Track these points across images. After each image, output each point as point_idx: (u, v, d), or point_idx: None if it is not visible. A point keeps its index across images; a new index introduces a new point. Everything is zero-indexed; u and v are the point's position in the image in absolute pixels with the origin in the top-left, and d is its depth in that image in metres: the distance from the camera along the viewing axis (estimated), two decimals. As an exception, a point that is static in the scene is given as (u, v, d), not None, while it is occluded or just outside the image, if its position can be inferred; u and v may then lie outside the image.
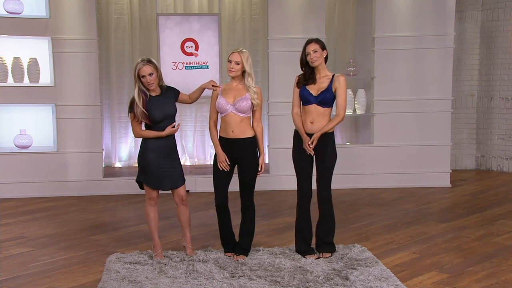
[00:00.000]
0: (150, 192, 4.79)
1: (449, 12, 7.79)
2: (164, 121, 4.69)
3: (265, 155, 4.82)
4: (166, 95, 4.75)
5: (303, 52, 4.74)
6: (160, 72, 4.74)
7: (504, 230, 5.72)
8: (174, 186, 4.79)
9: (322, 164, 4.77)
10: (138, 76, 4.63)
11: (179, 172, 4.81)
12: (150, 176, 4.73)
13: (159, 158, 4.71)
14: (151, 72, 4.61)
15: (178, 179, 4.80)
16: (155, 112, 4.65)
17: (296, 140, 4.85)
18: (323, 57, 4.73)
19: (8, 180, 7.44)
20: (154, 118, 4.66)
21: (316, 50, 4.68)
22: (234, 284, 4.19)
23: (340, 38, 8.70)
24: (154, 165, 4.70)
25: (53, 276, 4.56)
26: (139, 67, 4.60)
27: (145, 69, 4.59)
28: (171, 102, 4.75)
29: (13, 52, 7.45)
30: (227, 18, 8.64)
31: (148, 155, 4.71)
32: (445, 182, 7.94)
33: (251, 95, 4.66)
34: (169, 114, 4.71)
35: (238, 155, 4.71)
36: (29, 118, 7.66)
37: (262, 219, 6.14)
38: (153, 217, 4.84)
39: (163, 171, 4.72)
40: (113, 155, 8.71)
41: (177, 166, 4.81)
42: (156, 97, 4.71)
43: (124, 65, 8.61)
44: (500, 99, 8.93)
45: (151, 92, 4.71)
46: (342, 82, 4.71)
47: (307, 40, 4.76)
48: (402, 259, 4.83)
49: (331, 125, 4.72)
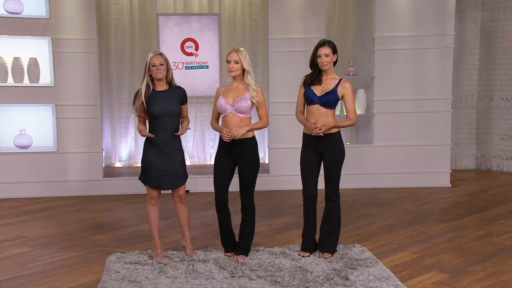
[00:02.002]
0: (151, 192, 4.80)
1: (449, 12, 7.79)
2: (163, 117, 4.67)
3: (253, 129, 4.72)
4: (173, 93, 4.76)
5: (314, 52, 4.74)
6: (171, 69, 4.79)
7: (504, 230, 5.72)
8: (174, 186, 4.80)
9: (330, 164, 4.78)
10: (148, 67, 4.68)
11: (181, 172, 4.81)
12: (151, 175, 4.73)
13: (160, 158, 4.71)
14: (161, 62, 4.68)
15: (179, 179, 4.80)
16: (154, 105, 4.65)
17: (305, 141, 4.86)
18: (333, 60, 4.74)
19: (8, 180, 7.44)
20: (152, 112, 4.66)
21: (328, 55, 4.69)
22: (234, 284, 4.19)
23: (340, 38, 8.68)
24: (154, 165, 4.71)
25: (53, 276, 4.56)
26: (150, 56, 4.69)
27: (156, 58, 4.67)
28: (175, 101, 4.74)
29: (13, 52, 7.45)
30: (227, 18, 8.64)
31: (149, 155, 4.72)
32: (445, 182, 7.94)
33: (251, 94, 4.66)
34: (169, 111, 4.69)
35: (238, 156, 4.72)
36: (29, 118, 7.65)
37: (262, 219, 6.14)
38: (154, 217, 4.84)
39: (164, 171, 4.72)
40: (113, 155, 8.71)
41: (179, 166, 4.80)
42: (160, 92, 4.72)
43: (124, 65, 8.61)
44: (500, 99, 8.93)
45: (158, 86, 4.72)
46: (349, 89, 4.74)
47: (320, 42, 4.74)
48: (402, 259, 4.84)
49: (342, 124, 4.75)
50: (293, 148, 5.00)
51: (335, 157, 4.77)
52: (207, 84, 7.90)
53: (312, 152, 4.79)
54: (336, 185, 4.83)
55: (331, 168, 4.78)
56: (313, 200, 4.86)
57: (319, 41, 4.77)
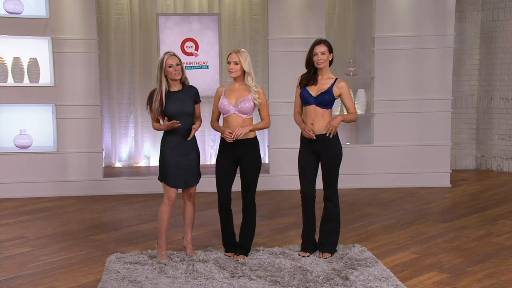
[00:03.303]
0: (168, 191, 4.77)
1: (449, 12, 7.79)
2: (178, 117, 4.67)
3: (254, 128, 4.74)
4: (186, 92, 4.76)
5: (310, 51, 4.75)
6: (184, 68, 4.78)
7: (504, 230, 5.72)
8: (189, 184, 4.81)
9: (328, 164, 4.78)
10: (164, 67, 4.66)
11: (196, 171, 4.83)
12: (168, 174, 4.74)
13: (177, 157, 4.72)
14: (178, 63, 4.69)
15: (192, 178, 4.82)
16: (169, 105, 4.66)
17: (302, 141, 4.86)
18: (329, 59, 4.75)
19: (8, 180, 7.44)
20: (168, 112, 4.66)
21: (324, 53, 4.69)
22: (234, 284, 4.19)
23: (340, 38, 8.69)
24: (171, 163, 4.72)
25: (53, 276, 4.56)
26: (166, 57, 4.67)
27: (172, 59, 4.67)
28: (189, 100, 4.75)
29: (13, 52, 7.45)
30: (227, 18, 8.64)
31: (166, 153, 4.74)
32: (445, 182, 7.94)
33: (253, 95, 4.67)
34: (185, 111, 4.70)
35: (240, 156, 4.72)
36: (29, 118, 7.65)
37: (262, 219, 6.13)
38: (167, 218, 4.81)
39: (181, 169, 4.73)
40: (113, 155, 8.71)
41: (195, 164, 4.82)
42: (175, 92, 4.72)
43: (124, 65, 8.61)
44: (500, 99, 8.93)
45: (172, 87, 4.72)
46: (345, 87, 4.75)
47: (316, 40, 4.77)
48: (402, 259, 4.84)
49: (348, 118, 4.79)
50: (293, 148, 5.00)
51: (333, 157, 4.77)
52: (207, 84, 7.90)
53: (310, 153, 4.80)
54: (334, 185, 4.83)
55: (329, 168, 4.78)
56: (311, 201, 4.86)
57: (315, 40, 4.79)
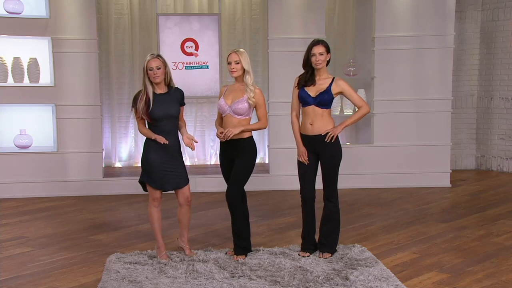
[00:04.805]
0: (153, 193, 4.77)
1: (449, 12, 7.79)
2: (164, 120, 4.66)
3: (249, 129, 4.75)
4: (172, 95, 4.73)
5: (307, 52, 4.75)
6: (169, 70, 4.73)
7: (504, 230, 5.72)
8: (177, 186, 4.78)
9: (327, 164, 4.78)
10: (146, 70, 4.63)
11: (183, 173, 4.80)
12: (153, 176, 4.71)
13: (162, 159, 4.70)
14: (158, 66, 4.61)
15: (182, 180, 4.79)
16: (155, 109, 4.63)
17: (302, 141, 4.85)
18: (327, 60, 4.75)
19: (8, 180, 7.44)
20: (154, 115, 4.64)
21: (322, 53, 4.69)
22: (234, 284, 4.19)
23: (340, 38, 8.70)
24: (156, 165, 4.69)
25: (53, 276, 4.56)
26: (147, 60, 4.62)
27: (153, 62, 4.61)
28: (175, 103, 4.72)
29: (13, 52, 7.45)
30: (227, 18, 8.64)
31: (150, 156, 4.70)
32: (445, 182, 7.94)
33: (248, 94, 4.66)
34: (170, 114, 4.68)
35: (234, 155, 4.74)
36: (29, 118, 7.65)
37: (262, 219, 6.13)
38: (157, 218, 4.82)
39: (166, 171, 4.71)
40: (113, 155, 8.71)
41: (180, 166, 4.79)
42: (160, 95, 4.68)
43: (124, 65, 8.61)
44: (500, 99, 8.93)
45: (156, 89, 4.68)
46: (344, 85, 4.76)
47: (314, 41, 4.75)
48: (402, 259, 4.84)
49: (358, 116, 4.84)
50: (293, 148, 4.99)
51: (332, 157, 4.77)
52: (207, 84, 7.91)
53: (310, 153, 4.80)
54: (334, 185, 4.83)
55: (329, 168, 4.78)
56: (311, 201, 4.86)
57: (312, 41, 4.78)
